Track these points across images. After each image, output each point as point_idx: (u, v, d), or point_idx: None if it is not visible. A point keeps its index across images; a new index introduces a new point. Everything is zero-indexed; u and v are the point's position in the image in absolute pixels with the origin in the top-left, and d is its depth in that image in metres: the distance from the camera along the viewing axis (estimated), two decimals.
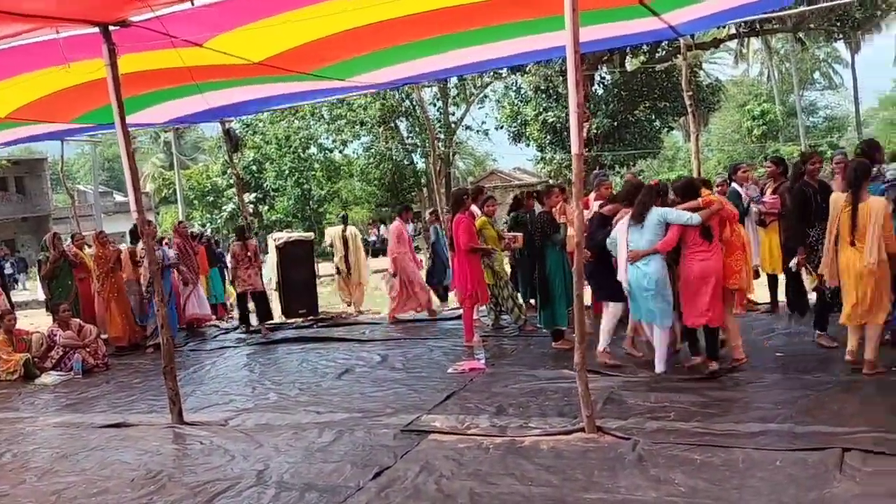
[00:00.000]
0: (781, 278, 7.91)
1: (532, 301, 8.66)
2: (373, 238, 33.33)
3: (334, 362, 7.83)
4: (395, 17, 5.71)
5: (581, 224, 4.62)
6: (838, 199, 5.61)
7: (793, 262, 6.35)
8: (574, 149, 4.39)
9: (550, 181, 25.48)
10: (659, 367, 6.06)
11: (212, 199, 32.61)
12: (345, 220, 13.40)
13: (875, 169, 5.89)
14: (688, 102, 9.60)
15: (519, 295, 8.60)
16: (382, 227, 34.55)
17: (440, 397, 5.94)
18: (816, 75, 51.80)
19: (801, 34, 35.76)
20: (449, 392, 6.07)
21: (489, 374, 6.62)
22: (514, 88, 26.07)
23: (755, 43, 44.39)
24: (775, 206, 7.40)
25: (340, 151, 33.31)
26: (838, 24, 22.26)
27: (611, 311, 6.55)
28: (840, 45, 43.66)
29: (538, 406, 5.46)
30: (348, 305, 12.09)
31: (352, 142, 31.62)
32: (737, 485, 3.75)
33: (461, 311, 8.39)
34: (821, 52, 48.94)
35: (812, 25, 24.31)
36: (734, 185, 8.17)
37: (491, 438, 4.81)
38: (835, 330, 6.25)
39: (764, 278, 8.31)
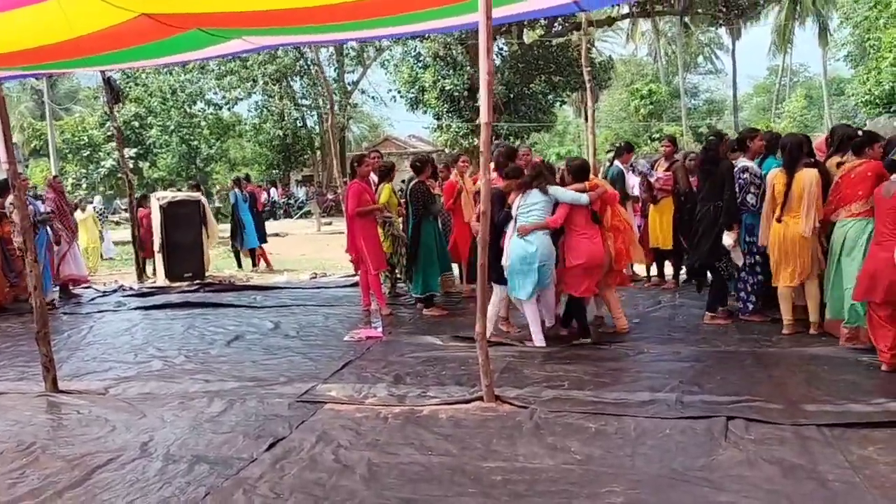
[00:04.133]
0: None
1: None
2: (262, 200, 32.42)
3: (223, 329, 7.53)
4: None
5: (487, 193, 4.58)
6: (775, 175, 5.99)
7: (731, 240, 6.24)
8: (483, 117, 4.32)
9: (446, 150, 25.54)
10: (538, 340, 6.11)
11: (88, 153, 30.63)
12: (198, 187, 13.81)
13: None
14: (586, 77, 9.76)
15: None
16: (273, 189, 33.66)
17: (336, 366, 5.82)
18: (700, 59, 54.24)
19: (687, 18, 37.28)
20: (345, 361, 5.96)
21: (386, 343, 6.56)
22: (413, 54, 25.79)
23: (644, 24, 45.93)
24: (668, 183, 7.67)
25: (230, 109, 32.00)
26: (724, 10, 23.29)
27: (498, 294, 6.41)
28: (723, 32, 45.90)
29: (436, 375, 5.44)
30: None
31: (243, 99, 30.41)
32: (630, 452, 3.86)
33: (356, 278, 8.28)
34: (704, 37, 51.24)
35: (699, 10, 25.32)
36: (617, 164, 8.44)
37: (389, 408, 4.74)
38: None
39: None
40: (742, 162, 6.33)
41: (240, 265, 13.36)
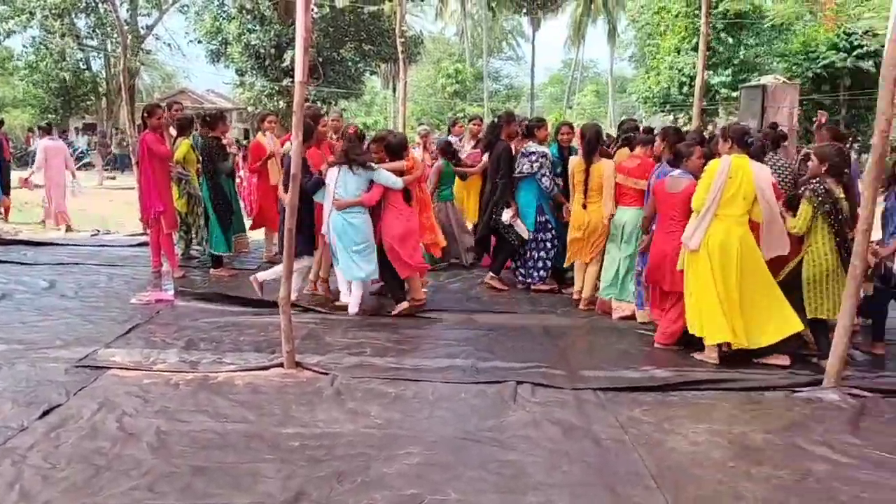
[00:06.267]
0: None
1: None
2: (32, 148, 29.22)
3: None
4: None
5: (299, 157, 4.46)
6: (575, 163, 6.44)
7: (508, 216, 6.78)
8: (297, 76, 4.19)
9: (248, 109, 24.55)
10: (353, 309, 6.09)
11: None
12: None
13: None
14: (399, 49, 9.79)
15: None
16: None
17: (121, 330, 5.43)
18: (503, 45, 56.45)
19: (493, 3, 38.63)
20: (131, 325, 5.58)
21: (177, 307, 6.22)
22: (217, 2, 24.36)
23: (454, 3, 46.88)
24: (477, 160, 7.91)
25: (0, 42, 28.35)
26: None
27: (303, 264, 6.30)
28: (525, 20, 48.10)
29: (233, 341, 5.25)
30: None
31: (17, 33, 27.03)
32: (427, 415, 3.99)
33: (147, 236, 7.74)
34: (508, 24, 53.40)
35: None
36: (452, 137, 8.74)
37: (180, 374, 4.52)
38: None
39: None
40: (533, 147, 6.72)
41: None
